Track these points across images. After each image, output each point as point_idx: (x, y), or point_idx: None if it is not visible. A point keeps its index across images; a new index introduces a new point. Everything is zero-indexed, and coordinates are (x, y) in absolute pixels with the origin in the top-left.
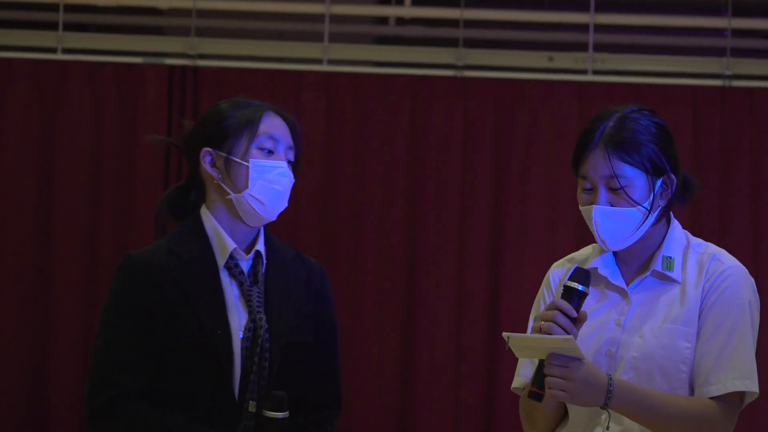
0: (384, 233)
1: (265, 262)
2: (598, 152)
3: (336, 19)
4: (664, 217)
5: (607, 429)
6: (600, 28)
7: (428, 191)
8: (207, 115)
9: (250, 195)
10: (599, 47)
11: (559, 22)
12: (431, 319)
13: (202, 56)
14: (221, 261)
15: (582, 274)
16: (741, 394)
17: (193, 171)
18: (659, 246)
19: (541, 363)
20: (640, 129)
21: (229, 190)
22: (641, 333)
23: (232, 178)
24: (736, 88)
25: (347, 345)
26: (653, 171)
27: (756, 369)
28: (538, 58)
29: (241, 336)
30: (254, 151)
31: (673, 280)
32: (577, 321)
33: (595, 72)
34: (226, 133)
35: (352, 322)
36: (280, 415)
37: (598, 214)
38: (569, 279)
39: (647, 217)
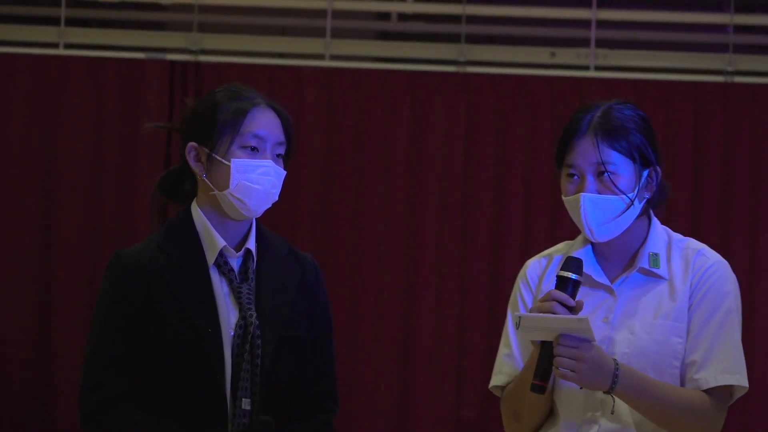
0: (385, 229)
1: (255, 258)
2: (586, 140)
3: (338, 14)
4: (646, 212)
5: (612, 413)
6: (602, 24)
7: (429, 187)
8: (200, 103)
9: (231, 194)
10: (601, 43)
11: (561, 18)
12: (432, 315)
13: (203, 51)
14: (210, 258)
15: (574, 263)
16: (730, 388)
17: (184, 157)
18: (643, 243)
19: (543, 355)
20: (626, 118)
21: (212, 187)
22: (631, 329)
23: (214, 175)
24: (738, 84)
25: (346, 343)
26: (640, 161)
27: (745, 363)
28: (539, 54)
29: (231, 333)
30: (237, 151)
31: (659, 277)
32: (574, 310)
33: (597, 68)
34: (212, 129)
35: (352, 320)
36: None
37: (587, 202)
38: (562, 269)
39: (632, 205)
